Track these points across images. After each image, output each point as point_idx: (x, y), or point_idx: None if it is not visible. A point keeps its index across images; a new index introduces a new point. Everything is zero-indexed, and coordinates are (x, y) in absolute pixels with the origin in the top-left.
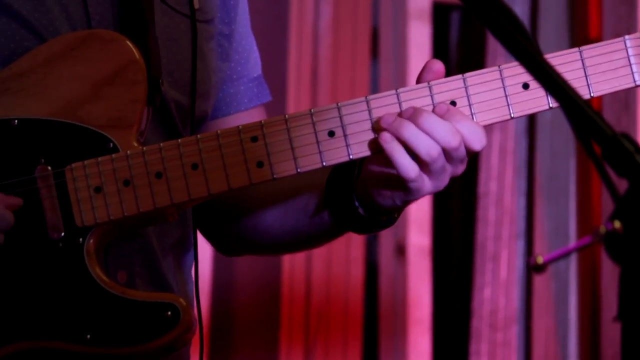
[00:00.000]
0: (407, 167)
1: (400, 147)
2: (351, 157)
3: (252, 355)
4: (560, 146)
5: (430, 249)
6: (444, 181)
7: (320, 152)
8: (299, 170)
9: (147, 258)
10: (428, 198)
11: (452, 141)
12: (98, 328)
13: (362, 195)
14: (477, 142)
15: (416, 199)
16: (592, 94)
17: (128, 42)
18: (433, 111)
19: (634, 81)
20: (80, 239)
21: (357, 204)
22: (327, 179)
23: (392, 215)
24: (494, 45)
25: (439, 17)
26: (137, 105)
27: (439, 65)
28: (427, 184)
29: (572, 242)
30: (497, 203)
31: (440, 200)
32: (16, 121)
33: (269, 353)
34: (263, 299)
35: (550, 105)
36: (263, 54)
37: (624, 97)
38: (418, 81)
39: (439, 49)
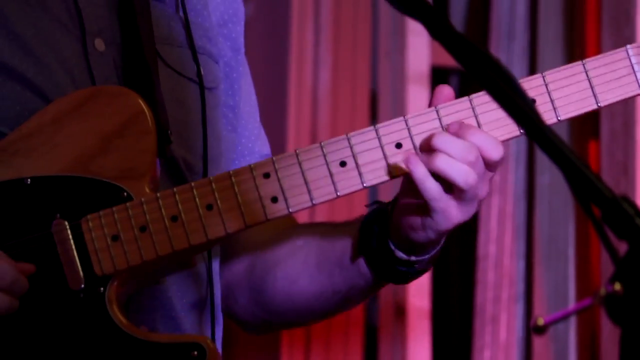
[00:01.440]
0: (430, 186)
1: (423, 167)
2: (364, 184)
3: None
4: (559, 209)
5: (430, 311)
6: (471, 204)
7: (333, 183)
8: (314, 202)
9: (167, 314)
10: None
11: (469, 156)
12: None
13: (396, 236)
14: (494, 150)
15: (448, 227)
16: (599, 104)
17: (135, 95)
18: (446, 131)
19: None
20: (101, 288)
21: (392, 246)
22: (359, 228)
23: (428, 253)
24: None
25: (438, 81)
26: (147, 155)
27: (448, 90)
28: (454, 208)
29: (572, 304)
30: (496, 266)
31: (439, 263)
32: (29, 180)
33: None
34: None
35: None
36: (262, 118)
37: (623, 161)
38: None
39: None
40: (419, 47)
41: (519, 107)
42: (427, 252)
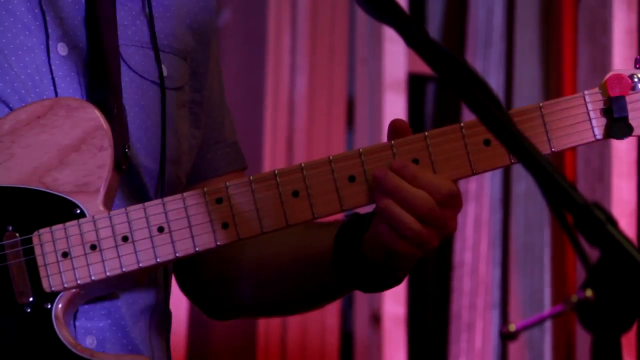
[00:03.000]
0: (410, 223)
1: (400, 209)
2: (315, 216)
3: None
4: (534, 217)
5: (406, 318)
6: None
7: (284, 212)
8: (263, 230)
9: (115, 323)
10: None
11: (444, 191)
12: None
13: (371, 249)
14: (441, 195)
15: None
16: (552, 149)
17: (94, 109)
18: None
19: (594, 136)
20: (49, 305)
21: (366, 258)
22: (335, 236)
23: (402, 269)
24: (468, 117)
25: (415, 88)
26: (103, 171)
27: (402, 124)
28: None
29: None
30: (472, 273)
31: (415, 270)
32: None
33: None
34: None
35: (511, 160)
36: (239, 123)
37: (599, 168)
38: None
39: (415, 120)
40: (396, 54)
41: (493, 115)
42: (400, 268)
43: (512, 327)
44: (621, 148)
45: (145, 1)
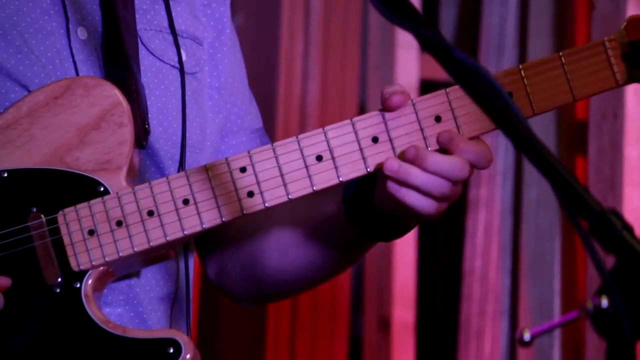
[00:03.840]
0: (423, 204)
1: (410, 191)
2: (340, 179)
3: None
4: (545, 225)
5: (415, 325)
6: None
7: (309, 177)
8: (290, 196)
9: (133, 309)
10: (412, 273)
11: (462, 174)
12: None
13: (381, 204)
14: (486, 162)
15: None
16: (575, 98)
17: (112, 86)
18: (442, 142)
19: (616, 82)
20: (78, 284)
21: (379, 208)
22: (344, 198)
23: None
24: None
25: (426, 94)
26: (124, 148)
27: (397, 98)
28: (443, 205)
29: (557, 319)
30: (481, 280)
31: (424, 276)
32: (5, 173)
33: None
34: None
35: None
36: None
37: (610, 177)
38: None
39: None
40: (408, 61)
41: (508, 119)
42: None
43: (527, 333)
44: (633, 157)
45: None
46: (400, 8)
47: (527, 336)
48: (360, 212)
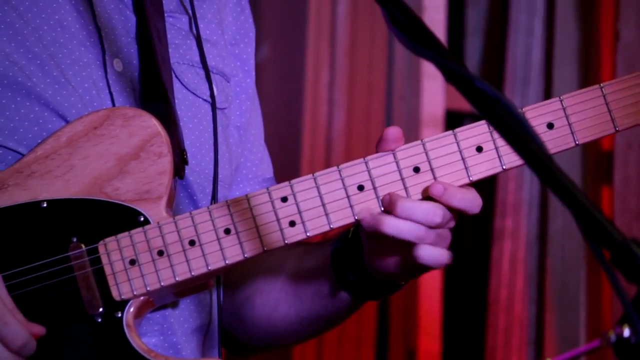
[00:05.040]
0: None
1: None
2: (382, 209)
3: None
4: (571, 256)
5: (440, 355)
6: (445, 243)
7: (351, 207)
8: (331, 226)
9: (167, 340)
10: (438, 303)
11: (435, 218)
12: None
13: (370, 267)
14: (476, 207)
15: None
16: (617, 128)
17: (151, 117)
18: (430, 192)
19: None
20: (119, 313)
21: (370, 274)
22: (331, 262)
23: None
24: None
25: (452, 125)
26: (164, 177)
27: (396, 131)
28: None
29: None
30: (507, 310)
31: (450, 306)
32: (45, 203)
33: None
34: None
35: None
36: (277, 158)
37: (635, 207)
38: (377, 149)
39: None
40: (434, 91)
41: (532, 151)
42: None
43: None
44: None
45: (192, 23)
46: (423, 39)
47: None
48: (351, 281)
